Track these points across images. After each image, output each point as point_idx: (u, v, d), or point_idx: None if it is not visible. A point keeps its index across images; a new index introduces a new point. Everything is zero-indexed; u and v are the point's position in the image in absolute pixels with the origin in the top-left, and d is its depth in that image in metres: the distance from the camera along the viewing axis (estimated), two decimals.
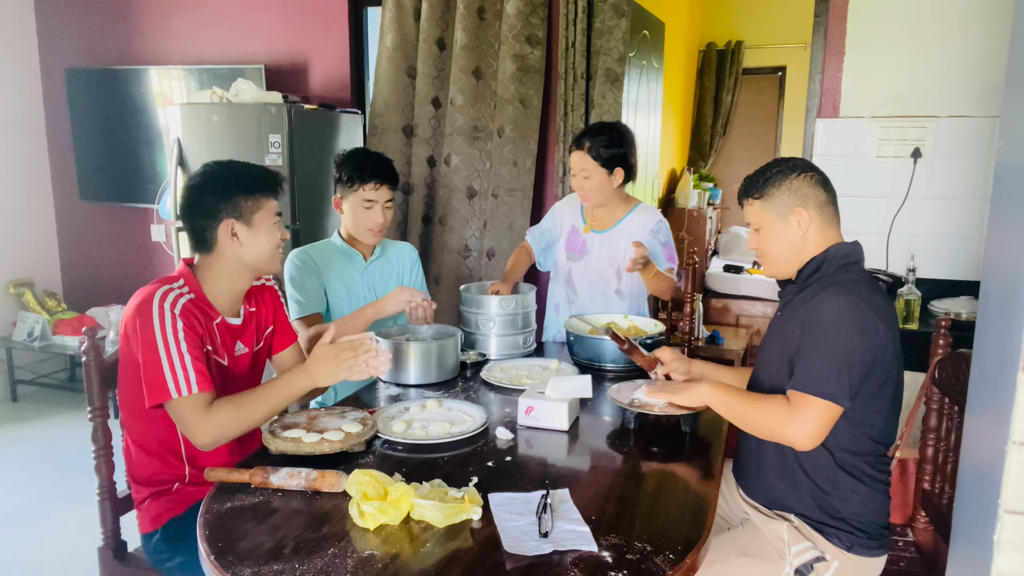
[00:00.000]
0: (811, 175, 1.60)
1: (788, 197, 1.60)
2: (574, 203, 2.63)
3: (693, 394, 1.65)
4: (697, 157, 6.64)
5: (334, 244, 2.39)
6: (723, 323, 4.81)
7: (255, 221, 1.72)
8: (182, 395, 1.55)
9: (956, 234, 3.08)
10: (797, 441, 1.47)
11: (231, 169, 1.74)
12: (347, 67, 3.93)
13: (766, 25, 6.52)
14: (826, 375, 1.45)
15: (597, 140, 2.39)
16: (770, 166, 1.65)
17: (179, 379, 1.55)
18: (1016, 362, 0.94)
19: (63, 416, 4.09)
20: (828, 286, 1.53)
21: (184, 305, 1.63)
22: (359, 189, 2.26)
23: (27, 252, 4.53)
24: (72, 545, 2.77)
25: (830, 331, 1.47)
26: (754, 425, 1.56)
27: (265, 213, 1.73)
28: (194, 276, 1.73)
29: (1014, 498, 0.96)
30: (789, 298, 1.66)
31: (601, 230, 2.55)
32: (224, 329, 1.76)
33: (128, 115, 4.26)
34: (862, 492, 1.54)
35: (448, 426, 1.73)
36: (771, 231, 1.63)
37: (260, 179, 1.74)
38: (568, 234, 2.61)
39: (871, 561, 1.56)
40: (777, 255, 1.64)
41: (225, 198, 1.69)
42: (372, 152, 2.36)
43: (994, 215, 1.11)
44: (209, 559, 1.22)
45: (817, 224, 1.59)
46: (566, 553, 1.23)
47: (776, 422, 1.49)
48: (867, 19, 3.09)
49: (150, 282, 1.68)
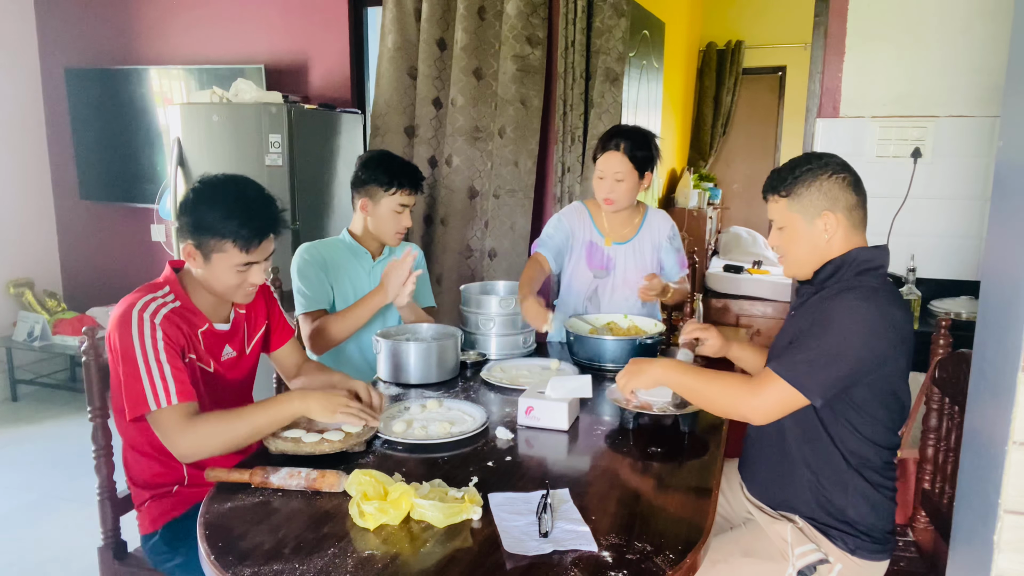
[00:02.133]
0: (843, 176, 1.53)
1: (817, 199, 1.52)
2: (581, 213, 2.49)
3: (647, 376, 1.60)
4: (697, 157, 6.64)
5: (343, 242, 2.39)
6: (723, 323, 4.82)
7: (213, 259, 1.63)
8: (161, 406, 1.53)
9: (956, 234, 3.08)
10: (752, 414, 1.46)
11: (226, 200, 1.62)
12: (347, 67, 3.93)
13: (766, 25, 6.53)
14: (807, 367, 1.43)
15: (633, 142, 2.30)
16: (800, 162, 1.56)
17: (158, 390, 1.53)
18: (1016, 362, 0.94)
19: (63, 416, 4.09)
20: (845, 290, 1.49)
21: (166, 315, 1.60)
22: (396, 194, 2.28)
23: (27, 252, 4.53)
24: (72, 545, 2.77)
25: (831, 328, 1.44)
26: (710, 402, 1.53)
27: (226, 257, 1.62)
28: (180, 282, 1.69)
29: (1014, 498, 0.96)
30: (804, 299, 1.62)
31: (623, 242, 2.46)
32: (210, 336, 1.73)
33: (128, 115, 4.26)
34: (870, 496, 1.53)
35: (448, 426, 1.73)
36: (795, 232, 1.57)
37: (239, 228, 1.60)
38: (587, 250, 2.47)
39: (874, 565, 1.55)
40: (799, 257, 1.59)
41: (195, 224, 1.61)
42: (401, 158, 2.37)
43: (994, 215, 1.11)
44: (209, 559, 1.22)
45: (844, 228, 1.53)
46: (566, 553, 1.23)
47: (734, 397, 1.48)
48: (867, 19, 3.09)
49: (135, 289, 1.64)
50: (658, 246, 2.47)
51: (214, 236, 1.60)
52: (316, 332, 2.23)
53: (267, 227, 1.65)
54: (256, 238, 1.62)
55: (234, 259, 1.62)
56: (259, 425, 1.59)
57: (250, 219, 1.61)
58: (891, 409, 1.52)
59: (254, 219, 1.62)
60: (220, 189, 1.64)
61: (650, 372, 1.61)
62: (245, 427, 1.57)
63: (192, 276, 1.70)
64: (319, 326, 2.23)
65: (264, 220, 1.64)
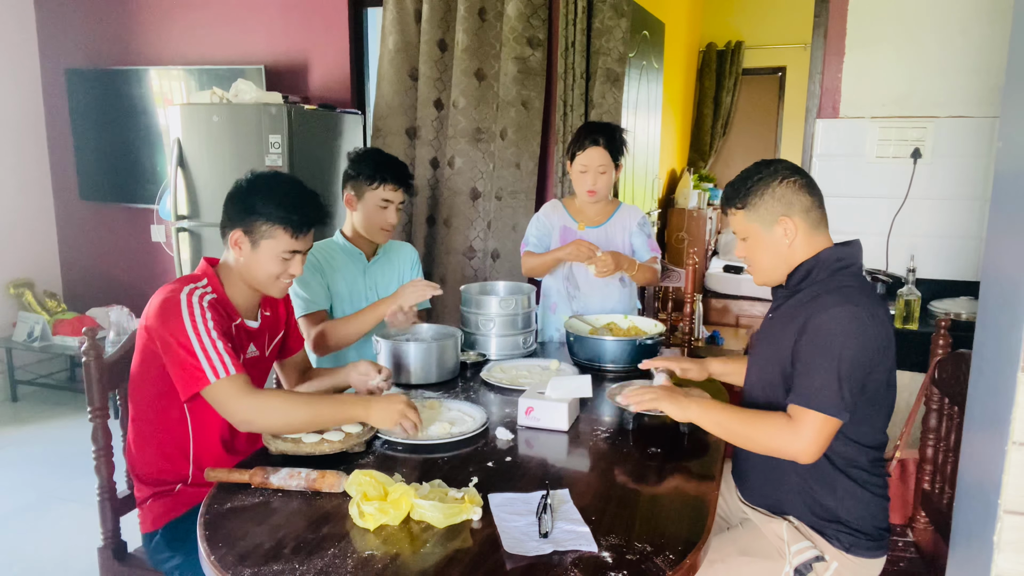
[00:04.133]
0: (794, 180, 1.56)
1: (772, 205, 1.56)
2: (556, 207, 2.69)
3: (682, 410, 1.59)
4: (697, 157, 6.64)
5: (337, 243, 2.40)
6: (723, 323, 4.82)
7: (261, 246, 1.72)
8: (220, 377, 1.57)
9: (956, 234, 3.08)
10: (799, 456, 1.46)
11: (278, 189, 1.74)
12: (347, 67, 3.93)
13: (766, 25, 6.53)
14: (826, 390, 1.43)
15: (608, 136, 2.49)
16: (751, 172, 1.60)
17: (215, 364, 1.57)
18: (1016, 362, 0.94)
19: (63, 416, 4.09)
20: (823, 293, 1.51)
21: (210, 301, 1.66)
22: (379, 188, 2.29)
23: (27, 252, 4.53)
24: (72, 545, 2.77)
25: (832, 344, 1.44)
26: (752, 443, 1.53)
27: (275, 243, 1.72)
28: (216, 276, 1.75)
29: (1014, 498, 0.96)
30: (780, 302, 1.65)
31: (596, 226, 2.63)
32: (242, 331, 1.78)
33: (128, 115, 4.26)
34: (859, 496, 1.54)
35: (448, 426, 1.73)
36: (757, 241, 1.60)
37: (290, 214, 1.71)
38: (561, 233, 2.64)
39: (870, 562, 1.56)
40: (765, 264, 1.62)
41: (247, 210, 1.71)
42: (389, 154, 2.40)
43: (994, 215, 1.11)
44: (209, 559, 1.22)
45: (803, 230, 1.56)
46: (566, 553, 1.23)
47: (776, 439, 1.48)
48: (867, 19, 3.10)
49: (171, 281, 1.70)
50: (630, 232, 2.64)
51: (267, 221, 1.70)
52: (320, 335, 2.23)
53: (316, 216, 1.77)
54: (306, 225, 1.75)
55: (282, 245, 1.72)
56: (321, 415, 1.62)
57: (302, 207, 1.74)
58: (877, 407, 1.53)
59: (305, 207, 1.75)
60: (273, 180, 1.77)
61: (685, 410, 1.58)
62: (307, 412, 1.61)
63: (228, 271, 1.76)
64: (323, 330, 2.23)
65: (314, 210, 1.77)
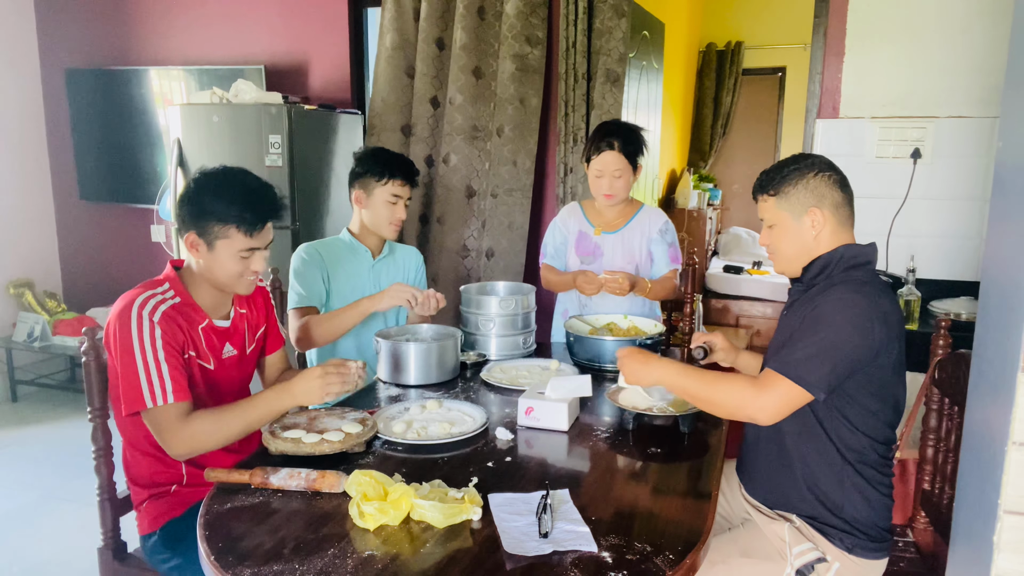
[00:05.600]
0: (829, 175, 1.58)
1: (804, 196, 1.58)
2: (574, 210, 2.62)
3: (648, 374, 1.64)
4: (697, 157, 6.63)
5: (343, 241, 2.41)
6: (723, 324, 4.81)
7: (217, 247, 1.66)
8: (157, 404, 1.55)
9: (956, 234, 3.08)
10: (757, 414, 1.48)
11: (228, 187, 1.66)
12: (347, 67, 3.93)
13: (766, 25, 6.52)
14: (808, 363, 1.45)
15: (624, 138, 2.41)
16: (788, 162, 1.63)
17: (155, 388, 1.54)
18: (1016, 362, 0.94)
19: (63, 417, 4.09)
20: (834, 284, 1.53)
21: (165, 312, 1.62)
22: (388, 184, 2.30)
23: (27, 252, 4.53)
24: (72, 545, 2.77)
25: (823, 322, 1.47)
26: (715, 405, 1.54)
27: (230, 243, 1.66)
28: (180, 279, 1.72)
29: (1014, 498, 0.96)
30: (796, 296, 1.66)
31: (613, 231, 2.55)
32: (211, 332, 1.75)
33: (128, 115, 4.26)
34: (866, 492, 1.54)
35: (448, 426, 1.73)
36: (784, 229, 1.62)
37: (242, 212, 1.65)
38: (577, 239, 2.57)
39: (872, 563, 1.56)
40: (788, 253, 1.64)
41: (199, 211, 1.65)
42: (395, 152, 2.42)
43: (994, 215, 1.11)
44: (209, 559, 1.22)
45: (831, 225, 1.58)
46: (566, 553, 1.23)
47: (740, 399, 1.49)
48: (867, 19, 3.09)
49: (136, 286, 1.67)
50: (649, 238, 2.53)
51: (218, 222, 1.64)
52: (303, 329, 2.24)
53: (269, 212, 1.70)
54: (259, 222, 1.68)
55: (238, 244, 1.66)
56: (252, 422, 1.62)
57: (253, 204, 1.67)
58: (885, 402, 1.53)
59: (257, 204, 1.67)
60: (221, 178, 1.68)
61: (651, 372, 1.63)
62: (238, 423, 1.60)
63: (193, 273, 1.72)
64: (307, 323, 2.24)
65: (266, 204, 1.69)
